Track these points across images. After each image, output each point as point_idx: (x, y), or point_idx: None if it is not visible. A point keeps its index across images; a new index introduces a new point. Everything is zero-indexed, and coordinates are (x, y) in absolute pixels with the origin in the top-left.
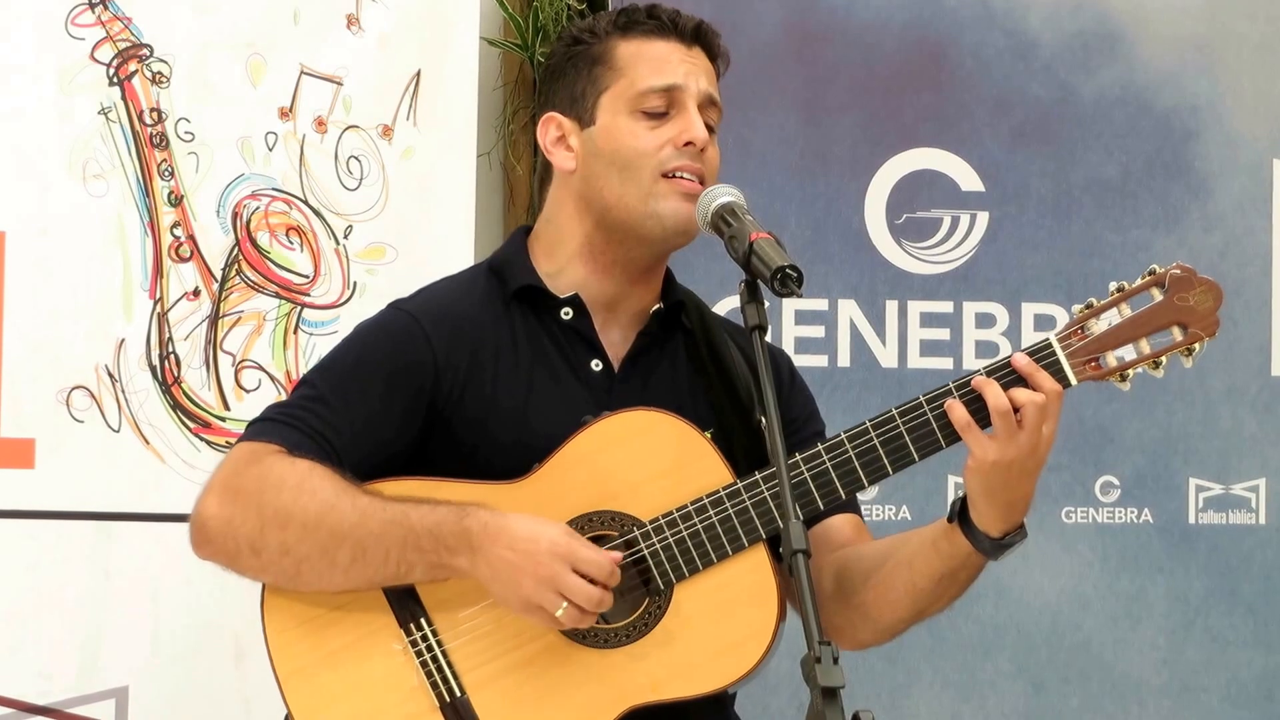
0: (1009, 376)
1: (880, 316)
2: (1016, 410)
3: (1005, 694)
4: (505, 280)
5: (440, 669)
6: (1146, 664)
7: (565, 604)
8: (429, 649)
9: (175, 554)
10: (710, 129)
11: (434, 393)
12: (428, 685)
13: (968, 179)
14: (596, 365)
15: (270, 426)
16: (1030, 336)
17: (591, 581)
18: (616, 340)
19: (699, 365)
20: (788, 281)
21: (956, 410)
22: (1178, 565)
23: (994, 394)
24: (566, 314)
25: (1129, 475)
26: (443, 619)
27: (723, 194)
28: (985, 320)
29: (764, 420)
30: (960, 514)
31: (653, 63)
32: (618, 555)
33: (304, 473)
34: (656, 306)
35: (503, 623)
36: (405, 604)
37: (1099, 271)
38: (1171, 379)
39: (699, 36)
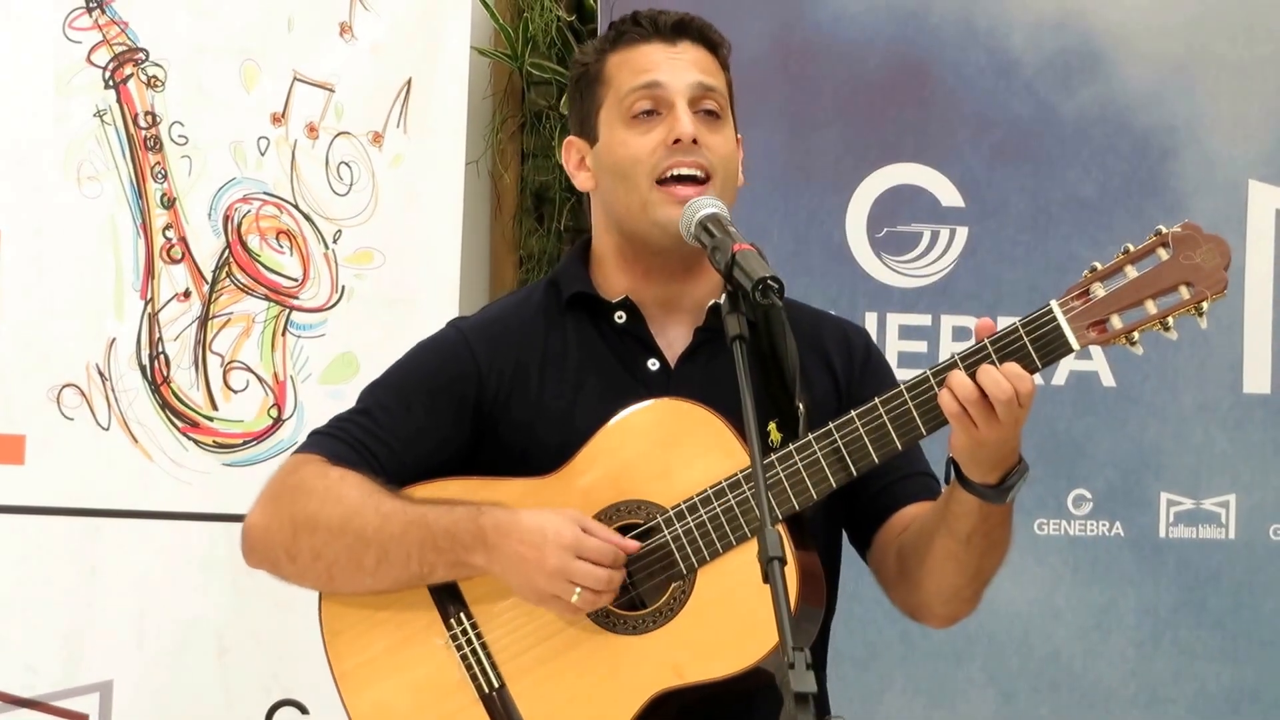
0: (986, 357)
1: None
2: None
3: (976, 702)
4: (560, 290)
5: (479, 661)
6: (1115, 675)
7: (578, 590)
8: (469, 642)
9: (161, 551)
10: (714, 114)
11: (478, 400)
12: (468, 678)
13: (948, 194)
14: (653, 365)
15: (317, 439)
16: None
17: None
18: (676, 338)
19: (760, 357)
20: (769, 292)
21: (947, 401)
22: (1148, 578)
23: (962, 387)
24: (620, 318)
25: (1101, 488)
26: (482, 612)
27: (706, 205)
28: (962, 334)
29: (801, 407)
30: (957, 475)
31: (634, 68)
32: (631, 544)
33: (334, 480)
34: (713, 301)
35: (537, 613)
36: (447, 600)
37: None
38: (1144, 394)
39: (682, 30)
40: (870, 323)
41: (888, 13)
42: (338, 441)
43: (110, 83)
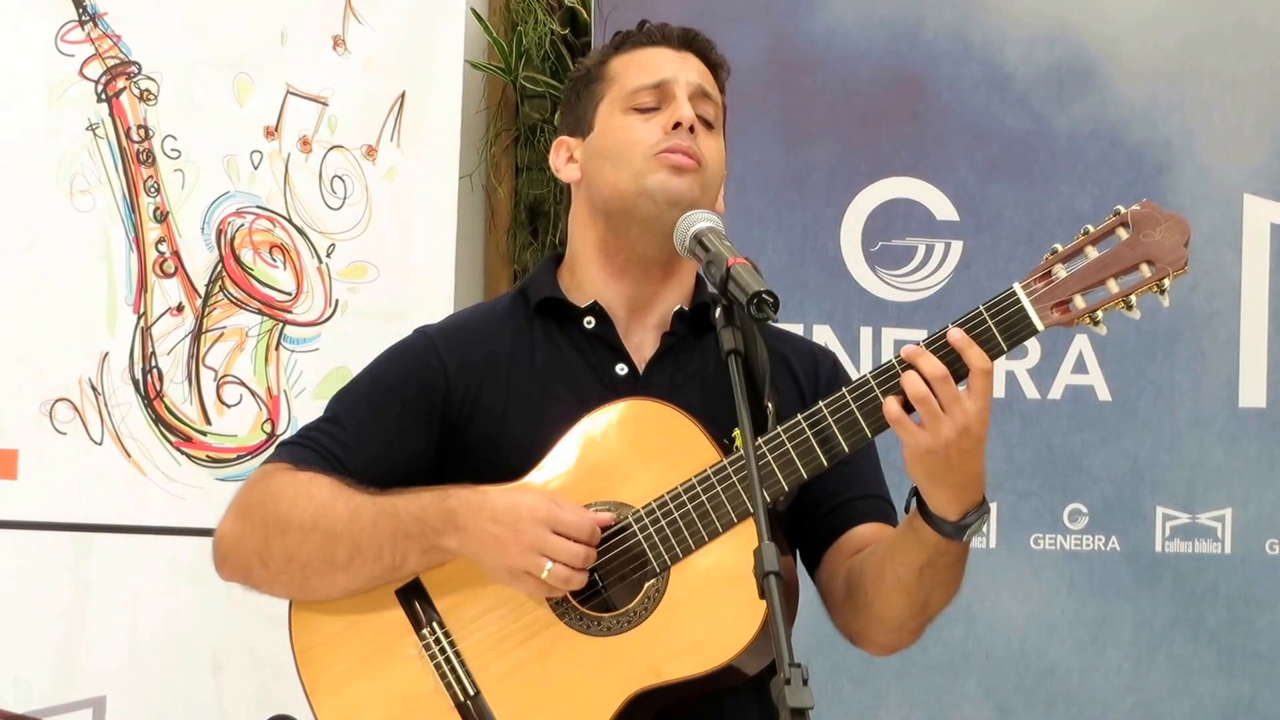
0: (944, 350)
1: (855, 342)
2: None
3: (972, 717)
4: (529, 297)
5: (454, 669)
6: (1111, 690)
7: (550, 564)
8: (442, 651)
9: (154, 565)
10: (708, 123)
11: (445, 409)
12: (443, 687)
13: (943, 208)
14: (622, 369)
15: (285, 448)
16: (1002, 364)
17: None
18: (645, 344)
19: (726, 364)
20: (764, 306)
21: (889, 405)
22: (1144, 593)
23: (911, 383)
24: (589, 323)
25: (1097, 503)
26: (454, 619)
27: (700, 219)
28: None
29: (770, 405)
30: (918, 503)
31: (643, 66)
32: (602, 517)
33: (303, 482)
34: (679, 307)
35: (511, 618)
36: (418, 608)
37: None
38: (1140, 409)
39: (688, 42)
40: (865, 336)
41: (882, 27)
42: (306, 450)
43: (103, 96)
